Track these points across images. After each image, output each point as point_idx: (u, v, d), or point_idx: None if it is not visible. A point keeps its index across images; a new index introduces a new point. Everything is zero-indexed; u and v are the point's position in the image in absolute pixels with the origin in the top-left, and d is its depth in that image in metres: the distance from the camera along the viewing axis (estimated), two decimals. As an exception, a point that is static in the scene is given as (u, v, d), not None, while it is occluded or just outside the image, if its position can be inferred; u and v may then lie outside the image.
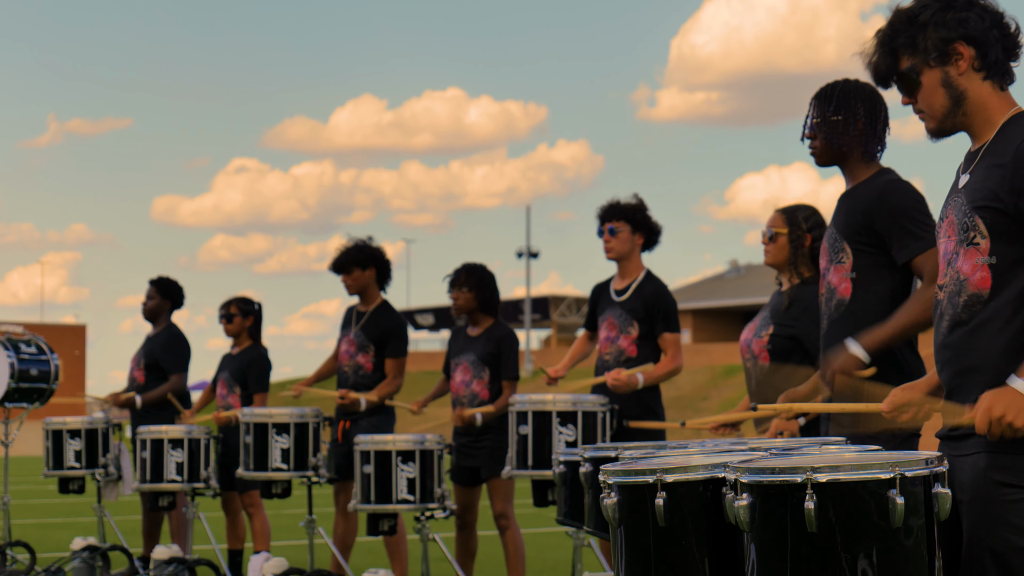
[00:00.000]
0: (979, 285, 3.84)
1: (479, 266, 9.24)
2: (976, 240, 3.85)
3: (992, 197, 3.82)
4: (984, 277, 3.83)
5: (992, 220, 3.81)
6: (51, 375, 11.48)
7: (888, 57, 4.01)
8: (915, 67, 3.96)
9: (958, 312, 3.88)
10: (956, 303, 3.88)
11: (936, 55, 3.93)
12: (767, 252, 6.80)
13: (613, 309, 8.25)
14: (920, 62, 3.95)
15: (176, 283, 11.40)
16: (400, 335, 9.75)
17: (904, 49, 3.97)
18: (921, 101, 3.99)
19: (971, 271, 3.86)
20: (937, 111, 3.97)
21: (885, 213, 5.18)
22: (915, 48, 3.95)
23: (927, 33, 3.93)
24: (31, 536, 13.38)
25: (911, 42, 3.95)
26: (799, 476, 3.45)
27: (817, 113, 5.44)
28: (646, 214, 8.31)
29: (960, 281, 3.88)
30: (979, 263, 3.84)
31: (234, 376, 10.62)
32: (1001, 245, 3.80)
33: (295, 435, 9.15)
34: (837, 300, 5.29)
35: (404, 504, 8.26)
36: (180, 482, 9.97)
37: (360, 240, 9.83)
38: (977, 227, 3.84)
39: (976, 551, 3.73)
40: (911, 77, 3.97)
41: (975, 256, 3.85)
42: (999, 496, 3.73)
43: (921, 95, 3.98)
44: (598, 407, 7.79)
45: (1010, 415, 3.68)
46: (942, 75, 3.94)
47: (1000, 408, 3.69)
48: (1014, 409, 3.68)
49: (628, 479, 3.86)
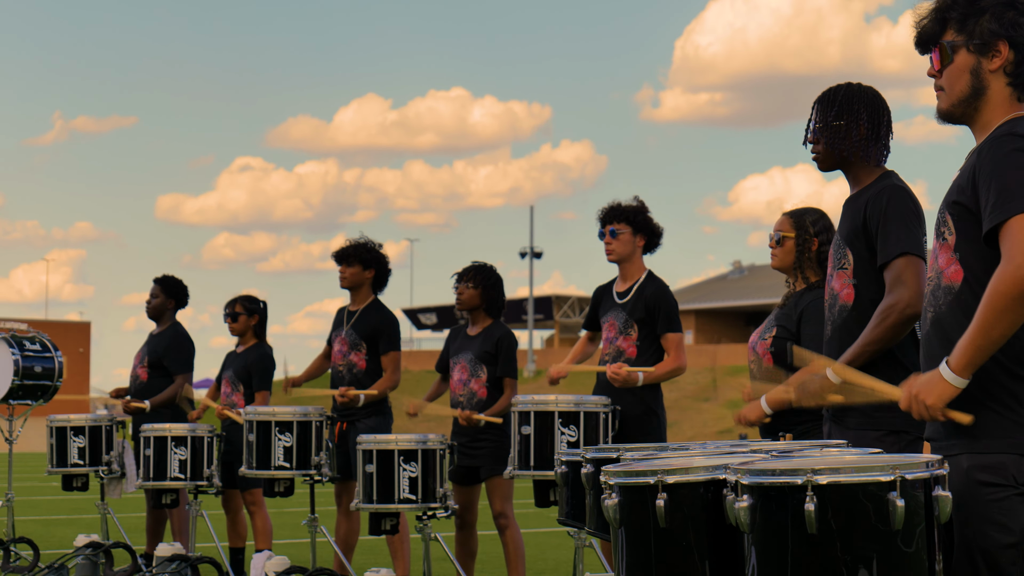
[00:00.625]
0: (951, 278, 3.91)
1: (489, 267, 9.26)
2: (945, 236, 3.93)
3: (959, 192, 3.89)
4: (956, 271, 3.89)
5: (958, 215, 3.88)
6: (55, 372, 11.50)
7: (937, 24, 4.04)
8: (955, 44, 3.99)
9: (937, 304, 3.95)
10: (937, 295, 3.96)
11: (979, 43, 3.96)
12: (774, 256, 6.80)
13: (615, 311, 8.26)
14: (962, 42, 3.99)
15: (180, 282, 11.40)
16: (391, 330, 9.76)
17: (954, 23, 4.01)
18: (945, 77, 4.03)
19: (945, 265, 3.93)
20: (956, 94, 4.01)
21: (878, 215, 5.19)
22: (964, 27, 3.99)
23: (981, 19, 3.96)
24: (35, 533, 13.40)
25: (963, 19, 3.99)
26: (800, 478, 3.46)
27: (819, 118, 5.42)
28: (647, 216, 8.32)
29: (938, 274, 3.96)
30: (952, 257, 3.91)
31: (238, 375, 10.64)
32: (965, 241, 3.87)
33: (298, 434, 9.17)
34: (840, 305, 5.29)
35: (406, 504, 8.27)
36: (183, 480, 10.00)
37: (371, 241, 9.85)
38: (947, 223, 3.92)
39: (966, 551, 3.74)
40: (947, 50, 4.00)
41: (947, 251, 3.92)
42: (983, 496, 3.75)
43: (948, 72, 4.02)
44: (600, 408, 7.80)
45: (923, 393, 3.81)
46: (974, 63, 3.97)
47: (917, 387, 3.82)
48: (928, 388, 3.80)
49: (629, 480, 3.88)
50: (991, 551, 3.72)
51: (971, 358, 3.74)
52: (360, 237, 9.87)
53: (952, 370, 3.75)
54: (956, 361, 3.75)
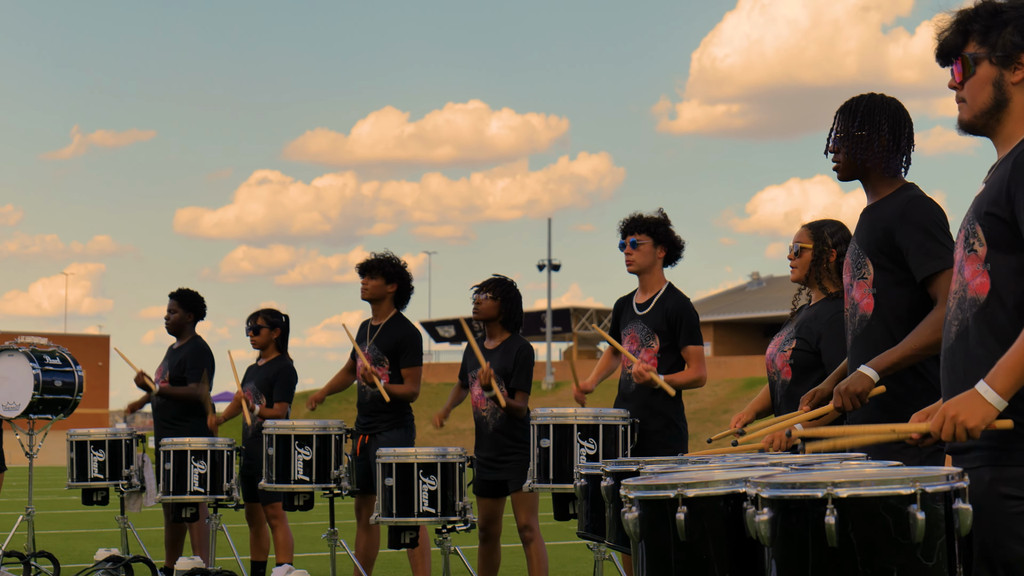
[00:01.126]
0: (977, 291, 3.87)
1: (508, 280, 9.26)
2: (975, 247, 3.89)
3: (992, 203, 3.85)
4: (983, 283, 3.86)
5: (990, 227, 3.85)
6: (75, 387, 11.52)
7: (959, 37, 4.03)
8: (977, 56, 3.98)
9: (963, 318, 3.92)
10: (962, 308, 3.92)
11: (1001, 55, 3.95)
12: (793, 267, 6.81)
13: (635, 323, 8.26)
14: (984, 54, 3.97)
15: (197, 294, 11.43)
16: (414, 344, 9.78)
17: (976, 35, 3.99)
18: (967, 90, 4.01)
19: (971, 277, 3.90)
20: (978, 106, 4.00)
21: (906, 229, 5.18)
22: (986, 39, 3.97)
23: (1004, 31, 3.95)
24: (55, 547, 13.43)
25: (985, 31, 3.97)
26: (820, 491, 3.45)
27: (841, 127, 5.42)
28: (668, 228, 8.32)
29: (963, 286, 3.92)
30: (978, 269, 3.87)
31: (261, 388, 10.65)
32: (997, 252, 3.84)
33: (317, 447, 9.19)
34: (860, 316, 5.28)
35: (425, 517, 8.28)
36: (203, 494, 10.02)
37: (395, 256, 9.88)
38: (976, 234, 3.88)
39: (987, 564, 3.73)
40: (969, 62, 3.99)
41: (975, 263, 3.89)
42: (1005, 508, 3.73)
43: (970, 84, 4.00)
44: (619, 421, 7.80)
45: (963, 415, 3.70)
46: (997, 75, 3.96)
47: (954, 408, 3.72)
48: (968, 410, 3.70)
49: (649, 493, 3.87)
50: (1012, 564, 3.71)
51: (1018, 379, 3.68)
52: (384, 252, 9.91)
53: (997, 391, 3.69)
54: (1002, 383, 3.69)
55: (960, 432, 3.71)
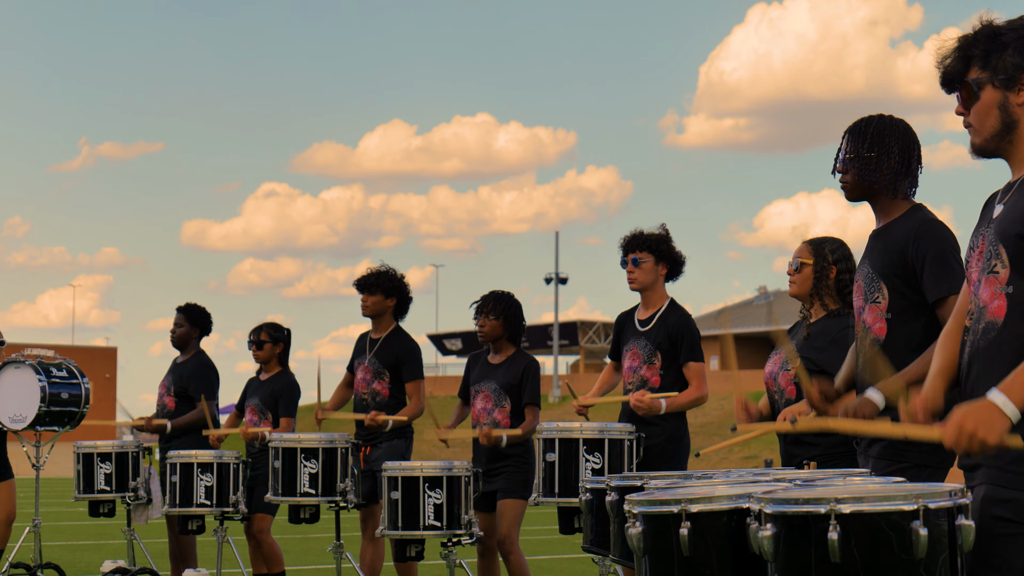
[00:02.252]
0: (995, 313, 3.84)
1: (507, 294, 9.25)
2: (996, 269, 3.86)
3: (1018, 224, 3.82)
4: (1000, 306, 3.83)
5: (1014, 250, 3.82)
6: (82, 399, 11.53)
7: (960, 63, 4.02)
8: (980, 81, 3.97)
9: (977, 339, 3.90)
10: (977, 330, 3.90)
11: (1003, 77, 3.94)
12: (792, 283, 6.81)
13: (637, 339, 8.27)
14: (986, 78, 3.96)
15: (204, 310, 11.43)
16: (414, 358, 9.79)
17: (978, 60, 3.98)
18: (973, 115, 4.00)
19: (989, 299, 3.86)
20: (986, 130, 3.98)
21: (920, 251, 5.17)
22: (987, 63, 3.96)
23: (1004, 54, 3.94)
24: (62, 559, 13.44)
25: (986, 56, 3.96)
26: (823, 507, 3.46)
27: (851, 148, 5.40)
28: (670, 244, 8.32)
29: (980, 309, 3.90)
30: (997, 291, 3.84)
31: (265, 403, 10.63)
32: (1020, 276, 3.80)
33: (323, 460, 9.20)
34: (872, 339, 5.26)
35: (431, 530, 8.29)
36: (209, 506, 10.03)
37: (392, 269, 9.89)
38: (1000, 255, 3.85)
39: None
40: (972, 89, 3.98)
41: (994, 284, 3.86)
42: (995, 529, 3.70)
43: (976, 109, 3.99)
44: (625, 435, 7.81)
45: (982, 430, 3.59)
46: (1001, 98, 3.95)
47: (972, 423, 3.60)
48: (987, 423, 3.59)
49: (653, 509, 3.89)
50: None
51: None
52: (381, 265, 9.91)
53: (1015, 403, 3.61)
54: (1019, 394, 3.62)
55: (976, 447, 3.61)
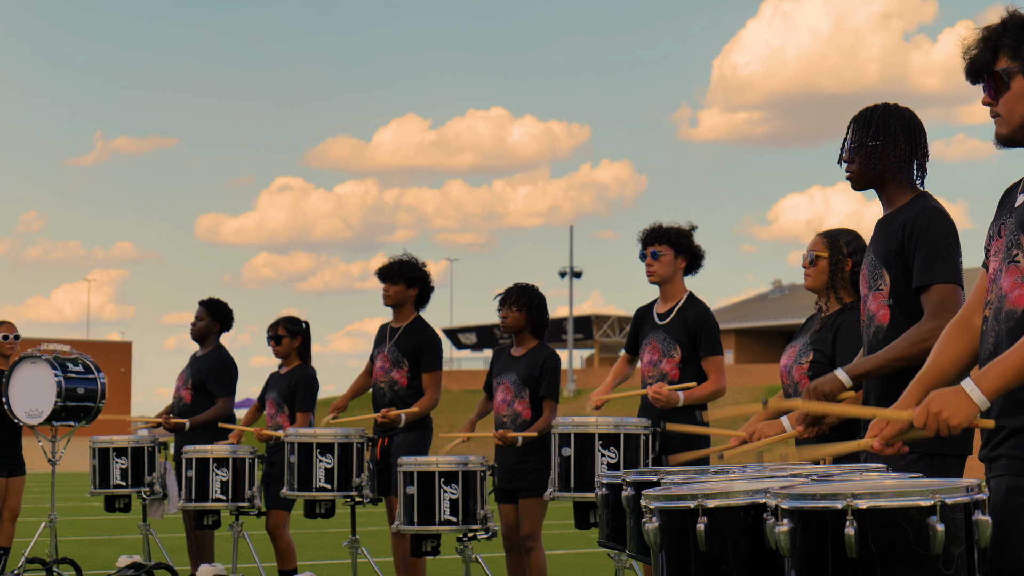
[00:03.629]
0: (1015, 302, 3.84)
1: (531, 287, 9.25)
2: (1018, 258, 3.86)
3: None
4: (1021, 295, 3.83)
5: None
6: (98, 394, 11.56)
7: (988, 53, 4.01)
8: (1010, 71, 3.96)
9: (1000, 328, 3.88)
10: (999, 319, 3.89)
11: None
12: (807, 276, 6.79)
13: (656, 333, 8.26)
14: (1017, 68, 3.96)
15: (226, 305, 11.43)
16: (434, 349, 9.77)
17: (1007, 50, 3.98)
18: (1002, 105, 3.99)
19: (1010, 288, 3.86)
20: (1015, 119, 3.97)
21: (917, 237, 5.18)
22: (1017, 53, 3.96)
23: None
24: (77, 553, 13.48)
25: (1016, 46, 3.96)
26: (839, 502, 3.45)
27: (855, 137, 5.41)
28: (689, 237, 8.31)
29: (1001, 297, 3.89)
30: (1018, 280, 3.84)
31: (282, 396, 10.64)
32: None
33: (339, 455, 9.21)
34: (876, 327, 5.27)
35: (447, 525, 8.29)
36: (225, 501, 10.04)
37: (415, 259, 9.87)
38: (1021, 245, 3.85)
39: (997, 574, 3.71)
40: (1002, 78, 3.98)
41: (1015, 274, 3.85)
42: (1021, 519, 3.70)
43: (1005, 99, 3.98)
44: (640, 430, 7.80)
45: (947, 412, 3.74)
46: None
47: (938, 404, 3.75)
48: (952, 406, 3.74)
49: (670, 504, 3.88)
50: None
51: (1007, 383, 3.71)
52: (403, 255, 9.88)
53: (983, 391, 3.71)
54: (990, 384, 3.71)
55: (943, 428, 3.74)
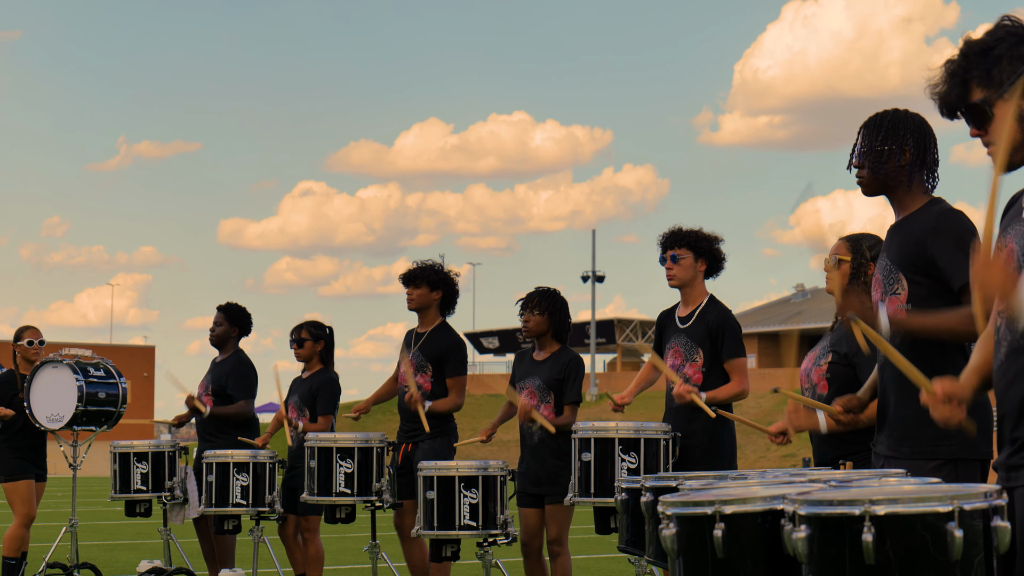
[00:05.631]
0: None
1: (553, 291, 9.23)
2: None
3: None
4: None
5: None
6: (119, 398, 11.59)
7: (959, 88, 3.98)
8: (988, 99, 3.92)
9: (1012, 338, 3.86)
10: (1013, 328, 3.86)
11: (1010, 88, 3.89)
12: (829, 279, 6.78)
13: (679, 336, 8.23)
14: (994, 94, 3.92)
15: (244, 310, 11.42)
16: (458, 354, 9.75)
17: (978, 80, 3.94)
18: (992, 133, 3.95)
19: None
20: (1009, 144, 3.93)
21: (940, 240, 5.14)
22: (989, 80, 3.91)
23: (1002, 66, 3.90)
24: (98, 558, 13.51)
25: (986, 74, 3.92)
26: (857, 508, 3.43)
27: (865, 142, 5.37)
28: (709, 240, 8.28)
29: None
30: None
31: (304, 400, 10.62)
32: None
33: (359, 460, 9.20)
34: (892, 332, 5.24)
35: (467, 530, 8.28)
36: (245, 506, 10.05)
37: (439, 263, 9.87)
38: None
39: None
40: (984, 109, 3.93)
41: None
42: None
43: (993, 127, 3.94)
44: (660, 435, 7.78)
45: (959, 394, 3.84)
46: (1016, 108, 3.89)
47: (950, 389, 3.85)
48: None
49: (687, 510, 3.86)
50: None
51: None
52: (427, 259, 9.88)
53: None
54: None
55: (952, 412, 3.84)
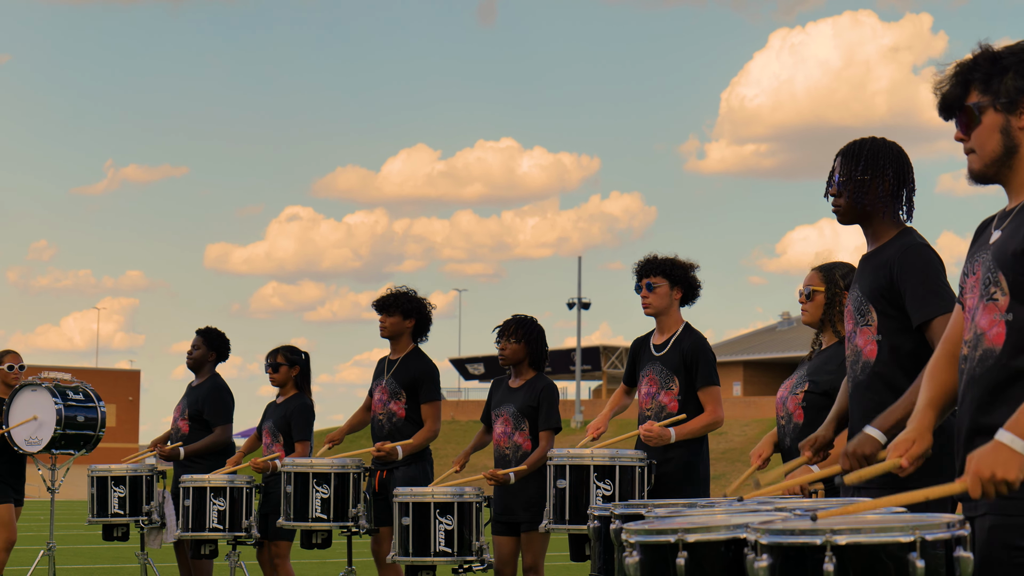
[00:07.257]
0: (993, 341, 3.81)
1: (529, 319, 9.20)
2: (996, 296, 3.83)
3: (1017, 254, 3.80)
4: (999, 333, 3.80)
5: (1014, 278, 3.79)
6: (98, 422, 11.56)
7: (959, 88, 4.00)
8: (981, 105, 3.95)
9: (974, 367, 3.87)
10: (974, 357, 3.87)
11: (1005, 101, 3.91)
12: (804, 311, 6.78)
13: (653, 364, 8.22)
14: (988, 102, 3.94)
15: (223, 335, 11.39)
16: (431, 380, 9.71)
17: (978, 84, 3.96)
18: (974, 139, 3.97)
19: (988, 326, 3.84)
20: (987, 155, 3.95)
21: (905, 273, 5.15)
22: (988, 87, 3.94)
23: (1005, 77, 3.92)
24: (76, 582, 13.45)
25: (987, 80, 3.94)
26: (819, 538, 3.43)
27: (844, 171, 5.36)
28: (684, 268, 8.28)
29: (978, 336, 3.87)
30: (996, 319, 3.82)
31: (277, 426, 10.59)
32: (1020, 303, 3.77)
33: (335, 485, 9.19)
34: (863, 363, 5.24)
35: (442, 556, 8.26)
36: (222, 531, 10.02)
37: (413, 291, 9.85)
38: (999, 283, 3.83)
39: None
40: (973, 113, 3.96)
41: (993, 311, 3.83)
42: (1008, 559, 3.66)
43: (977, 133, 3.97)
44: (635, 462, 7.77)
45: (1000, 471, 3.53)
46: (1003, 121, 3.92)
47: (988, 467, 3.54)
48: (1003, 464, 3.53)
49: (650, 538, 3.86)
50: None
51: None
52: (400, 286, 9.87)
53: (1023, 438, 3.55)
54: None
55: (1002, 488, 3.54)
